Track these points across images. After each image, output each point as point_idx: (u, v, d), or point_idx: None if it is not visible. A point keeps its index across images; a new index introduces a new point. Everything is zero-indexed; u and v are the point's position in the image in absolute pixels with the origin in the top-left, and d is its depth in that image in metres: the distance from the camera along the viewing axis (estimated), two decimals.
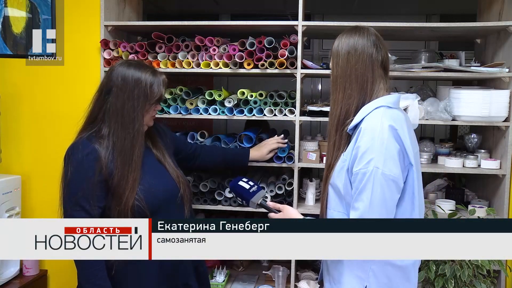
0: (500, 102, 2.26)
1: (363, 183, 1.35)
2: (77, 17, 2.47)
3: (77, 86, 2.49)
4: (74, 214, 1.59)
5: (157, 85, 1.69)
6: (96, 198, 1.60)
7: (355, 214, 1.37)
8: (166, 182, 1.75)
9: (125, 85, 1.64)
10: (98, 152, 1.61)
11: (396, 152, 1.36)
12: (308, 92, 4.52)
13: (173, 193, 1.76)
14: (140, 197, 1.62)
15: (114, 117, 1.64)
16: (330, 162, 1.51)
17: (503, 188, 2.33)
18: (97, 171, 1.60)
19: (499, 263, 2.15)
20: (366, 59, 1.45)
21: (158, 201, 1.68)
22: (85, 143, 1.64)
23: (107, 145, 1.63)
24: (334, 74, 1.50)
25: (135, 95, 1.64)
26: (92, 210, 1.59)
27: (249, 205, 1.70)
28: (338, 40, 1.51)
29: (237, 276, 2.67)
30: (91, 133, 1.67)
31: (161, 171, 1.77)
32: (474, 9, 2.83)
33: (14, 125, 2.54)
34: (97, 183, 1.60)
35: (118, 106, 1.64)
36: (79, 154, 1.62)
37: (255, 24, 2.34)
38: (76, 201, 1.59)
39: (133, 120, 1.64)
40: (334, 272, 1.49)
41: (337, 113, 1.48)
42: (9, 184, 2.38)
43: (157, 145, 1.82)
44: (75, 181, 1.61)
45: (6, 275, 2.38)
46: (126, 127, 1.64)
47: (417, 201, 1.43)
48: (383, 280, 1.41)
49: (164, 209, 1.70)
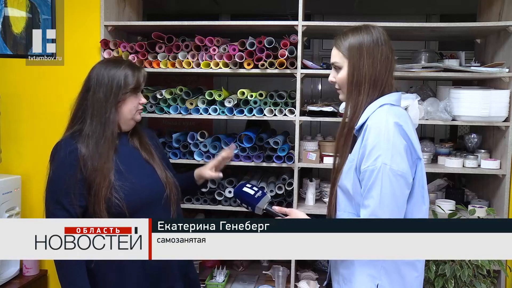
0: (500, 102, 2.26)
1: (372, 180, 1.35)
2: (77, 17, 2.47)
3: (77, 86, 2.46)
4: (55, 212, 1.59)
5: (132, 75, 1.69)
6: (77, 196, 1.60)
7: (366, 212, 1.36)
8: (151, 182, 1.73)
9: (101, 81, 1.67)
10: (79, 150, 1.62)
11: (402, 147, 1.36)
12: (308, 92, 4.52)
13: (158, 193, 1.73)
14: (119, 195, 1.61)
15: (90, 112, 1.66)
16: (337, 164, 1.50)
17: (503, 188, 2.33)
18: (78, 169, 1.60)
19: (499, 263, 2.15)
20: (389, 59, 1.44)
21: (139, 200, 1.66)
22: (67, 141, 1.65)
23: (87, 143, 1.63)
24: (358, 74, 1.43)
25: (109, 87, 1.66)
26: (73, 208, 1.59)
27: (254, 210, 1.69)
28: (357, 38, 1.44)
29: (237, 276, 2.67)
30: (73, 131, 1.69)
31: (147, 171, 1.75)
32: (474, 9, 2.83)
33: (14, 125, 2.54)
34: (78, 181, 1.60)
35: (95, 100, 1.66)
36: (61, 152, 1.63)
37: (255, 24, 2.34)
38: (57, 199, 1.60)
39: (105, 108, 1.65)
40: (344, 271, 1.48)
41: (358, 116, 1.44)
42: (9, 184, 2.38)
43: (145, 146, 1.80)
44: (56, 179, 1.62)
45: (6, 275, 2.38)
46: (99, 116, 1.65)
47: (426, 194, 1.43)
48: (395, 277, 1.41)
49: (146, 210, 1.67)
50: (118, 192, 1.61)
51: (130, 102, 1.70)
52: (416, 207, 1.41)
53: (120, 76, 1.67)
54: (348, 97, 1.48)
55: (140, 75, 1.72)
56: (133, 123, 1.75)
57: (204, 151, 2.41)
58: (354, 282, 1.44)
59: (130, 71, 1.70)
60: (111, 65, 1.71)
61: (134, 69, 1.71)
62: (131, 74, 1.69)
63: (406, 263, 1.42)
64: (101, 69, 1.69)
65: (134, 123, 1.76)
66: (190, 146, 2.43)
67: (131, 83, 1.68)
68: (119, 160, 1.67)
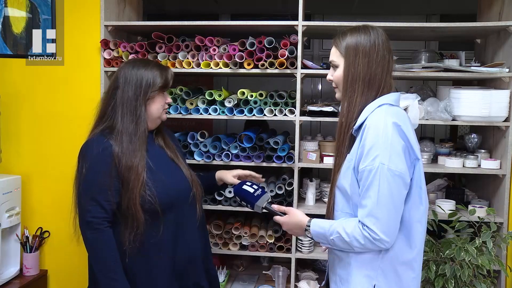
0: (500, 102, 2.26)
1: (370, 179, 1.34)
2: (77, 17, 2.46)
3: (77, 86, 2.49)
4: (90, 208, 1.61)
5: (161, 74, 1.74)
6: (111, 193, 1.62)
7: (363, 212, 1.36)
8: (179, 180, 1.78)
9: (131, 79, 1.70)
10: (112, 147, 1.64)
11: (401, 148, 1.36)
12: (308, 92, 4.52)
13: (186, 192, 1.78)
14: (152, 192, 1.64)
15: (120, 109, 1.69)
16: (337, 164, 1.50)
17: (503, 188, 2.33)
18: (112, 166, 1.63)
19: (499, 263, 2.15)
20: (385, 59, 1.44)
21: (170, 198, 1.70)
22: (99, 139, 1.67)
23: (120, 140, 1.65)
24: (352, 73, 1.44)
25: (139, 85, 1.70)
26: (108, 205, 1.62)
27: (254, 209, 1.69)
28: (354, 38, 1.45)
29: (237, 276, 2.67)
30: (103, 128, 1.70)
31: (174, 169, 1.80)
32: (474, 9, 2.83)
33: (14, 125, 2.54)
34: (112, 177, 1.63)
35: (124, 98, 1.69)
36: (94, 150, 1.65)
37: (255, 24, 2.34)
38: (92, 195, 1.61)
39: (135, 106, 1.68)
40: (341, 272, 1.48)
41: (353, 115, 1.44)
42: (9, 184, 2.38)
43: (169, 145, 1.85)
44: (91, 176, 1.63)
45: (6, 275, 2.38)
46: (130, 113, 1.68)
47: (424, 195, 1.43)
48: (392, 278, 1.41)
49: (176, 207, 1.73)
50: (150, 189, 1.65)
51: (158, 100, 1.75)
52: (414, 207, 1.41)
53: (149, 75, 1.71)
54: (343, 96, 1.49)
55: (168, 74, 1.78)
56: (159, 122, 1.80)
57: (204, 151, 2.41)
58: (351, 282, 1.44)
59: (158, 70, 1.74)
60: (139, 64, 1.75)
61: (162, 69, 1.77)
62: (160, 73, 1.74)
63: (403, 263, 1.42)
64: (129, 69, 1.73)
65: (160, 122, 1.81)
66: (190, 146, 2.43)
67: (159, 82, 1.72)
68: (149, 158, 1.70)
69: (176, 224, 1.72)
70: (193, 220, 1.80)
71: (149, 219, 1.65)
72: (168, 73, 1.77)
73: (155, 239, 1.67)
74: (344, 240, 1.38)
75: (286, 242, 2.42)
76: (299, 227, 1.53)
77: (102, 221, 1.61)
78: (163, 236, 1.68)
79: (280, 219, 1.59)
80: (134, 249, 1.64)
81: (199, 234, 1.83)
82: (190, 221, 1.79)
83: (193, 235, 1.79)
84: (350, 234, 1.37)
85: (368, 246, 1.36)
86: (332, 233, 1.41)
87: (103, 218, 1.61)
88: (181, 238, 1.74)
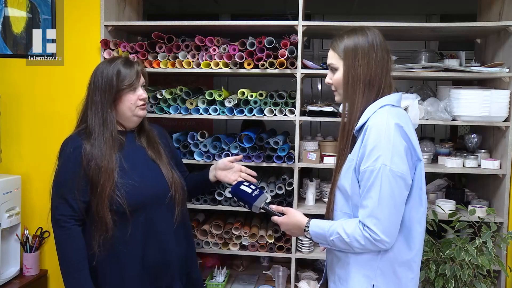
0: (500, 102, 2.26)
1: (371, 180, 1.34)
2: (77, 17, 2.46)
3: (77, 86, 2.47)
4: (58, 206, 1.63)
5: (124, 71, 1.69)
6: (80, 192, 1.63)
7: (364, 212, 1.36)
8: (155, 181, 1.74)
9: (96, 81, 1.70)
10: (83, 147, 1.65)
11: (403, 149, 1.36)
12: (308, 92, 4.52)
13: (162, 192, 1.74)
14: (121, 193, 1.63)
15: (90, 111, 1.70)
16: (338, 164, 1.50)
17: (503, 188, 2.33)
18: (83, 165, 1.63)
19: (499, 263, 2.15)
20: (384, 59, 1.44)
21: (142, 199, 1.67)
22: (74, 138, 1.69)
23: (92, 142, 1.66)
24: (353, 75, 1.44)
25: (103, 88, 1.69)
26: (76, 203, 1.62)
27: (251, 209, 1.68)
28: (352, 39, 1.45)
29: (237, 276, 2.67)
30: (80, 129, 1.72)
31: (153, 170, 1.76)
32: (474, 9, 2.83)
33: (14, 125, 2.54)
34: (82, 177, 1.63)
35: (93, 100, 1.69)
36: (67, 149, 1.67)
37: (255, 24, 2.34)
38: (61, 193, 1.63)
39: (101, 110, 1.68)
40: (340, 271, 1.48)
41: (356, 117, 1.44)
42: (9, 184, 2.38)
43: (152, 145, 1.81)
44: (62, 174, 1.66)
45: (6, 275, 2.38)
46: (98, 116, 1.68)
47: (424, 196, 1.44)
48: (391, 278, 1.41)
49: (148, 208, 1.69)
50: (120, 190, 1.63)
51: (127, 99, 1.70)
52: (414, 208, 1.41)
53: (112, 74, 1.68)
54: (344, 98, 1.49)
55: (133, 71, 1.71)
56: (136, 119, 1.76)
57: (204, 151, 2.41)
58: (350, 282, 1.44)
59: (122, 67, 1.70)
60: (106, 64, 1.73)
61: (126, 65, 1.71)
62: (123, 71, 1.69)
63: (402, 264, 1.42)
64: (97, 71, 1.73)
65: (138, 120, 1.76)
66: (190, 146, 2.43)
67: (124, 80, 1.69)
68: (124, 159, 1.69)
69: (147, 225, 1.68)
70: (169, 222, 1.74)
71: (118, 219, 1.63)
72: (132, 69, 1.71)
73: (124, 240, 1.64)
74: (344, 241, 1.38)
75: (286, 242, 2.42)
76: (298, 227, 1.53)
77: (69, 219, 1.62)
78: (132, 237, 1.65)
79: (278, 220, 1.59)
80: (104, 251, 1.63)
81: (177, 236, 1.77)
82: (165, 223, 1.73)
83: (168, 237, 1.73)
84: (351, 235, 1.37)
85: (369, 247, 1.36)
86: (332, 234, 1.41)
87: (70, 216, 1.62)
88: (152, 240, 1.69)
